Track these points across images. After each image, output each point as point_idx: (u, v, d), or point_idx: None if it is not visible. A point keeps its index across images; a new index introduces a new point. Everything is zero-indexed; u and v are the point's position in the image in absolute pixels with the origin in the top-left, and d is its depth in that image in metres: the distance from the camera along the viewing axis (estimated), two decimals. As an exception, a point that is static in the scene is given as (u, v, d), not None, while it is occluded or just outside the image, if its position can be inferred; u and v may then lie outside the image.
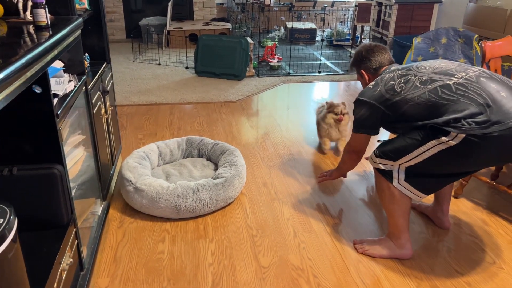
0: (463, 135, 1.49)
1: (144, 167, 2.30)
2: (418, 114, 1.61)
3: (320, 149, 2.89)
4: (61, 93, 1.40)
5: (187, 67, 4.85)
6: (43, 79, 1.28)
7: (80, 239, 1.54)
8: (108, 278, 1.73)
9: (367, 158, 2.40)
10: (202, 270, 1.78)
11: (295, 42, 6.19)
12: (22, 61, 1.03)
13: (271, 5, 5.35)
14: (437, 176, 1.70)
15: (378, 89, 1.73)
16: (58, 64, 1.60)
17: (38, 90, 1.28)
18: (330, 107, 2.77)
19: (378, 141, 2.59)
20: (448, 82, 1.59)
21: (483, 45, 1.98)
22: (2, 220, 0.95)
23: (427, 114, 1.59)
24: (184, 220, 2.10)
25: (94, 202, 1.96)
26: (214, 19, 6.40)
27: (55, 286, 1.24)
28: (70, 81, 1.54)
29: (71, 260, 1.38)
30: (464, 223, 2.12)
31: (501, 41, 2.12)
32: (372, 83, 1.81)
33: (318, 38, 6.45)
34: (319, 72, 4.75)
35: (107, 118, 2.20)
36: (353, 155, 1.99)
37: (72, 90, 1.54)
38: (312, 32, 6.24)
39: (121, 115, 3.46)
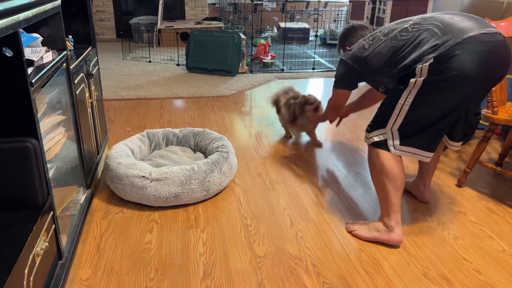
0: (427, 66, 1.52)
1: (129, 157, 2.16)
2: (385, 61, 1.68)
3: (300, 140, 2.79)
4: (35, 59, 1.27)
5: (178, 64, 4.73)
6: (14, 41, 1.16)
7: (59, 225, 1.41)
8: (90, 269, 1.59)
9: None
10: (193, 260, 1.64)
11: (289, 42, 6.11)
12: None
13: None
14: (432, 124, 1.61)
15: (353, 50, 1.85)
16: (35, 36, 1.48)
17: (9, 53, 1.16)
18: (303, 100, 2.64)
19: None
20: (405, 25, 1.66)
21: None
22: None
23: (391, 60, 1.66)
24: (174, 208, 1.97)
25: (76, 190, 1.82)
26: (206, 19, 6.31)
27: (26, 270, 1.10)
28: (47, 51, 1.41)
29: (46, 244, 1.24)
30: (470, 211, 2.01)
31: (506, 22, 2.03)
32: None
33: (311, 38, 6.38)
34: (313, 69, 4.66)
35: (91, 103, 2.07)
36: (332, 111, 2.31)
37: (50, 62, 1.42)
38: (305, 31, 6.17)
39: (109, 109, 3.33)
